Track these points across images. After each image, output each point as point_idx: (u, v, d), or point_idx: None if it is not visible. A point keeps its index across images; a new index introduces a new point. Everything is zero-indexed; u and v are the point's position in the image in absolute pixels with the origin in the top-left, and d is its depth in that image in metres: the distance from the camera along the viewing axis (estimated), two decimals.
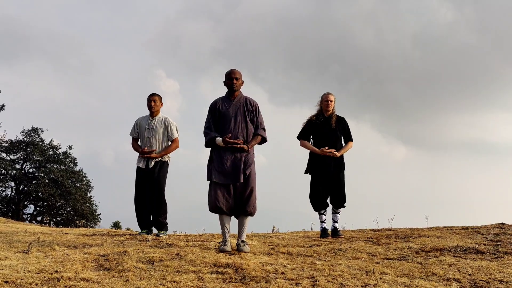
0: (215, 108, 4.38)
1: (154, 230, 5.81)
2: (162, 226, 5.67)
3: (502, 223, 6.04)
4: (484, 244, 4.33)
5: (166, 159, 5.73)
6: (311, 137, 5.60)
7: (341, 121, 5.59)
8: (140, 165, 5.66)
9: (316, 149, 5.43)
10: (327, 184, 5.44)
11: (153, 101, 5.71)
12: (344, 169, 5.50)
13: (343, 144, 5.55)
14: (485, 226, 5.96)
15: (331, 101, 5.49)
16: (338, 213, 5.49)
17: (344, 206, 5.48)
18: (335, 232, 5.39)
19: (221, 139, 4.21)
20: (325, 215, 5.45)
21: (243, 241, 4.18)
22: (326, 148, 5.36)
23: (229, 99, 4.40)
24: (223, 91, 4.47)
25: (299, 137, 5.65)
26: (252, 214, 4.24)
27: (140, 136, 5.79)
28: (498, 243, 4.37)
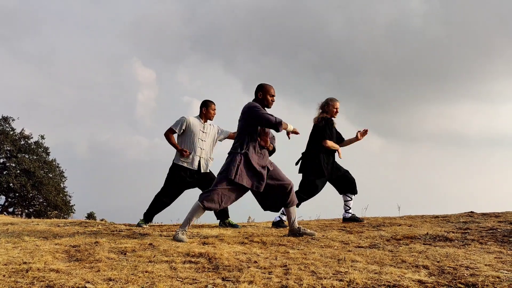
0: None
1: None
2: None
3: (471, 212, 6.20)
4: (453, 232, 4.45)
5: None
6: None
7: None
8: (190, 167, 5.55)
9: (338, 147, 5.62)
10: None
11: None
12: None
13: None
14: (455, 214, 6.10)
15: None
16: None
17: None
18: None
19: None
20: None
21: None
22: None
23: None
24: (200, 81, 4.38)
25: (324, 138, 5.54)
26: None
27: (188, 135, 5.59)
28: (466, 231, 4.49)
